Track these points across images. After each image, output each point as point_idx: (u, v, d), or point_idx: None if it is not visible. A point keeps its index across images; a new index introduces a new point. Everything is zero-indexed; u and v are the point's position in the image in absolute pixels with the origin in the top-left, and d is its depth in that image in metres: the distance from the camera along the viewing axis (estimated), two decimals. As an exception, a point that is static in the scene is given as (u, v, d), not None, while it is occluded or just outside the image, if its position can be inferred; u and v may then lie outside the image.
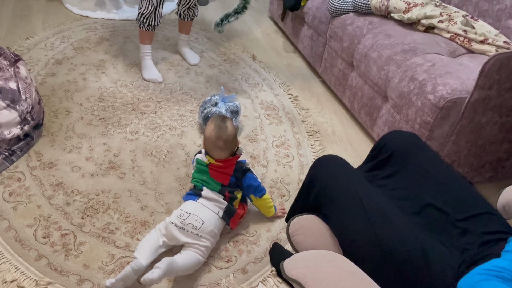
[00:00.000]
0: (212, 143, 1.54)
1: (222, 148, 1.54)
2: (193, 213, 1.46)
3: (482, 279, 0.84)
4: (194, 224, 1.43)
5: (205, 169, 1.57)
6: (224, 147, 1.54)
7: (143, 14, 2.26)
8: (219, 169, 1.56)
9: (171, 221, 1.45)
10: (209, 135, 1.54)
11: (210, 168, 1.57)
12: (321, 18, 2.50)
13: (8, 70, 1.88)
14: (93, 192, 1.71)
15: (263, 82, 2.56)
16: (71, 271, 1.42)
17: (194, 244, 1.43)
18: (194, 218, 1.44)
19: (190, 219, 1.44)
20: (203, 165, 1.58)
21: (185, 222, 1.43)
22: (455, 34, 2.05)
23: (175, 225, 1.44)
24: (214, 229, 1.47)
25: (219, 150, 1.54)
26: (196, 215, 1.45)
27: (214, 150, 1.55)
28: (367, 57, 2.08)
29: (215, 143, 1.53)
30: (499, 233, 1.07)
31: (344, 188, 1.14)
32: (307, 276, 0.97)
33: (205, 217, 1.46)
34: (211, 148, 1.55)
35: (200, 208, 1.49)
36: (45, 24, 2.82)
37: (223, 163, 1.56)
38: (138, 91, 2.31)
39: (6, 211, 1.58)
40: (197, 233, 1.43)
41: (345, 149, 2.14)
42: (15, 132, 1.76)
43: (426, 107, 1.73)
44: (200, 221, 1.44)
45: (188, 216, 1.45)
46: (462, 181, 1.20)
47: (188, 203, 1.52)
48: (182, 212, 1.47)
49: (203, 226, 1.44)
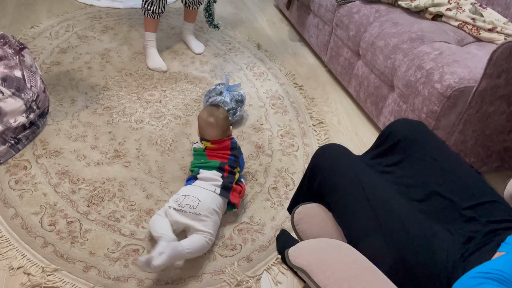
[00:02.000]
0: (204, 120, 1.65)
1: (213, 125, 1.63)
2: (188, 194, 1.50)
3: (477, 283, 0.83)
4: (190, 204, 1.46)
5: (203, 153, 1.65)
6: (215, 123, 1.63)
7: (148, 1, 2.24)
8: (216, 151, 1.64)
9: (169, 205, 1.48)
10: (202, 115, 1.67)
11: (207, 152, 1.64)
12: (327, 7, 2.47)
13: (13, 59, 1.88)
14: (99, 180, 1.71)
15: (268, 71, 2.55)
16: (77, 258, 1.43)
17: (197, 229, 1.44)
18: (190, 199, 1.48)
19: (186, 200, 1.48)
20: (200, 150, 1.66)
21: (182, 203, 1.47)
22: (463, 22, 2.02)
23: (173, 208, 1.47)
24: (212, 206, 1.49)
25: (211, 127, 1.64)
26: (192, 195, 1.49)
27: (206, 128, 1.64)
28: (373, 46, 2.06)
29: (207, 119, 1.64)
30: (506, 221, 1.06)
31: (347, 177, 1.14)
32: (312, 264, 0.97)
33: (200, 195, 1.50)
34: (203, 126, 1.65)
35: (195, 189, 1.53)
36: (50, 12, 2.81)
37: (217, 144, 1.65)
38: (143, 80, 2.31)
39: (12, 198, 1.59)
40: (195, 212, 1.45)
41: (350, 139, 2.13)
42: (21, 120, 1.76)
43: (433, 96, 1.71)
44: (196, 200, 1.47)
45: (184, 198, 1.49)
46: (469, 169, 1.19)
47: (184, 188, 1.57)
48: (178, 195, 1.51)
49: (199, 204, 1.47)
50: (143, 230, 1.55)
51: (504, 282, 0.82)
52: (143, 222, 1.58)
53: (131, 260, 1.45)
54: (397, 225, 1.03)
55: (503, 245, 0.94)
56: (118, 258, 1.45)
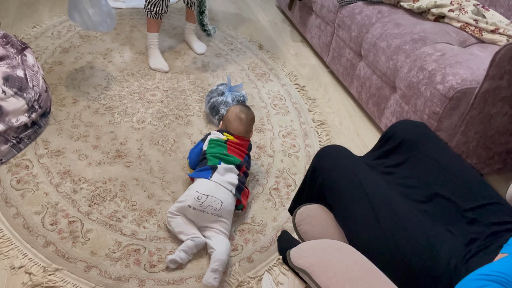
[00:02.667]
0: (235, 114, 1.68)
1: (242, 121, 1.68)
2: (211, 194, 1.47)
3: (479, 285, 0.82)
4: (213, 206, 1.46)
5: (224, 144, 1.62)
6: (245, 120, 1.68)
7: (151, 1, 2.24)
8: (237, 146, 1.64)
9: (189, 204, 1.46)
10: (233, 109, 1.71)
11: (228, 144, 1.63)
12: (329, 7, 2.47)
13: (16, 58, 1.88)
14: (100, 180, 1.71)
15: (270, 72, 2.55)
16: (79, 258, 1.43)
17: (216, 229, 1.47)
18: (213, 200, 1.46)
19: (208, 201, 1.46)
20: (221, 141, 1.63)
21: (204, 204, 1.45)
22: (466, 23, 2.01)
23: (194, 208, 1.45)
24: (232, 209, 1.52)
25: (239, 122, 1.67)
26: (214, 197, 1.47)
27: (234, 122, 1.67)
28: (375, 47, 2.05)
29: (238, 114, 1.68)
30: (508, 223, 1.06)
31: (348, 178, 1.14)
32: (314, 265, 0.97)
33: (222, 196, 1.49)
34: (232, 119, 1.68)
35: (216, 188, 1.50)
36: (52, 12, 2.81)
37: (240, 139, 1.65)
38: (144, 80, 2.31)
39: (14, 198, 1.60)
40: (217, 214, 1.46)
41: (352, 140, 2.13)
42: (23, 120, 1.77)
43: (435, 97, 1.71)
44: (219, 202, 1.47)
45: (206, 198, 1.46)
46: (471, 171, 1.19)
47: (203, 182, 1.51)
48: (200, 194, 1.46)
49: (222, 206, 1.47)
50: (144, 230, 1.55)
51: (506, 284, 0.82)
52: (144, 222, 1.58)
53: (132, 260, 1.45)
54: (398, 226, 1.02)
55: (505, 247, 0.94)
56: (120, 258, 1.45)
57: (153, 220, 1.59)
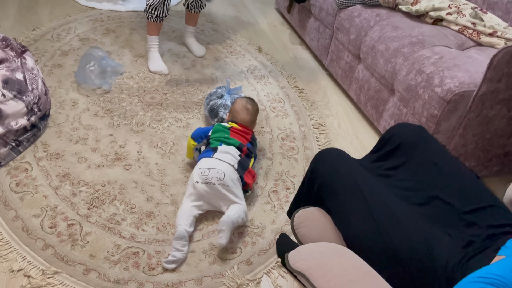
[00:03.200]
0: (242, 105, 1.78)
1: (249, 111, 1.78)
2: (212, 167, 1.55)
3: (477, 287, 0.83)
4: (218, 176, 1.54)
5: (227, 130, 1.73)
6: (252, 110, 1.79)
7: (152, 5, 2.25)
8: (239, 132, 1.73)
9: (196, 180, 1.54)
10: (240, 100, 1.81)
11: (231, 130, 1.72)
12: (328, 10, 2.48)
13: (15, 61, 1.89)
14: (99, 183, 1.72)
15: (269, 75, 2.55)
16: (78, 261, 1.43)
17: (231, 200, 1.54)
18: (215, 171, 1.54)
19: (212, 172, 1.54)
20: (225, 127, 1.74)
21: (209, 176, 1.54)
22: (464, 26, 2.02)
23: (201, 182, 1.54)
24: (236, 177, 1.59)
25: (246, 112, 1.77)
26: (216, 168, 1.56)
27: (241, 111, 1.77)
28: (374, 50, 2.06)
29: (245, 105, 1.79)
30: (505, 226, 1.06)
31: (346, 181, 1.14)
32: (312, 268, 0.97)
33: (223, 167, 1.57)
34: (239, 109, 1.77)
35: (217, 162, 1.59)
36: (52, 15, 2.82)
37: (243, 128, 1.75)
38: (144, 82, 2.31)
39: (13, 201, 1.60)
40: (223, 183, 1.54)
41: (350, 142, 2.14)
42: (22, 123, 1.77)
43: (433, 100, 1.71)
44: (222, 172, 1.55)
45: (209, 171, 1.55)
46: (469, 173, 1.19)
47: (203, 160, 1.61)
48: (202, 169, 1.56)
49: (225, 176, 1.55)
50: (143, 233, 1.55)
51: (502, 287, 0.82)
52: (143, 225, 1.58)
53: (131, 263, 1.45)
54: (396, 229, 1.03)
55: (502, 249, 0.94)
56: (118, 261, 1.45)
57: (152, 223, 1.59)
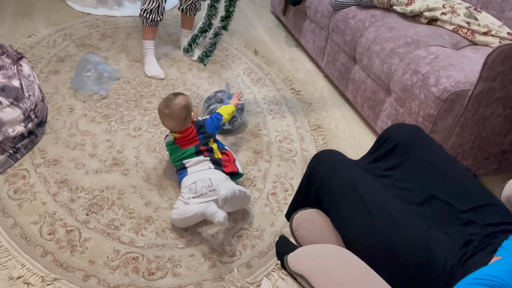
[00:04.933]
0: (160, 112, 1.66)
1: (168, 116, 1.63)
2: (196, 179, 1.56)
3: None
4: (206, 185, 1.54)
5: (174, 145, 1.68)
6: (170, 114, 1.62)
7: (146, 10, 2.25)
8: (184, 139, 1.68)
9: (188, 197, 1.54)
10: (159, 106, 1.66)
11: (177, 143, 1.68)
12: (323, 12, 2.48)
13: (11, 68, 1.89)
14: (98, 188, 1.71)
15: (266, 77, 2.56)
16: (77, 267, 1.43)
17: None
18: (201, 182, 1.55)
19: (198, 184, 1.55)
20: (171, 143, 1.70)
21: (198, 189, 1.54)
22: (458, 26, 2.03)
23: (193, 197, 1.54)
24: (223, 177, 1.60)
25: (167, 118, 1.64)
26: (200, 178, 1.57)
27: (163, 119, 1.66)
28: (369, 51, 2.07)
29: (162, 111, 1.64)
30: (503, 224, 1.06)
31: (343, 182, 1.15)
32: (311, 270, 0.97)
33: (206, 175, 1.57)
34: (161, 117, 1.67)
35: (197, 174, 1.59)
36: (47, 21, 2.82)
37: (183, 133, 1.67)
38: (140, 87, 2.31)
39: (11, 208, 1.60)
40: (213, 188, 1.53)
41: (348, 143, 2.14)
42: (19, 129, 1.77)
43: (429, 100, 1.72)
44: (207, 180, 1.56)
45: (195, 184, 1.55)
46: (466, 172, 1.20)
47: (184, 180, 1.61)
48: (188, 186, 1.57)
49: (212, 180, 1.55)
50: (142, 238, 1.55)
51: None
52: (142, 230, 1.58)
53: (130, 268, 1.45)
54: (394, 229, 1.03)
55: (499, 250, 0.95)
56: (118, 266, 1.45)
57: (151, 228, 1.59)
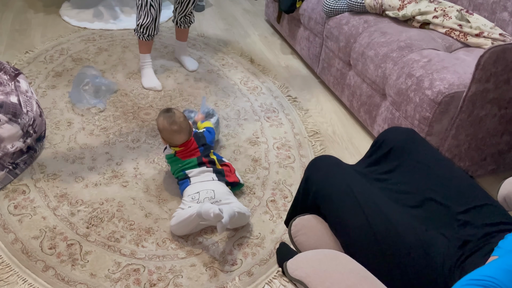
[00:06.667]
0: (168, 131, 1.67)
1: (179, 131, 1.67)
2: (200, 190, 1.59)
3: None
4: (208, 196, 1.56)
5: (175, 158, 1.70)
6: (179, 129, 1.67)
7: (143, 25, 2.27)
8: (185, 152, 1.71)
9: (189, 206, 1.54)
10: (163, 125, 1.68)
11: (178, 155, 1.71)
12: (316, 19, 2.51)
13: (9, 85, 1.90)
14: (97, 201, 1.72)
15: (262, 85, 2.58)
16: (78, 281, 1.43)
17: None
18: (204, 192, 1.57)
19: (202, 195, 1.56)
20: (172, 156, 1.72)
21: (200, 199, 1.56)
22: (450, 28, 2.05)
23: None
24: (226, 190, 1.63)
25: (178, 134, 1.67)
26: (203, 189, 1.59)
27: (174, 136, 1.68)
28: (364, 56, 2.09)
29: (171, 128, 1.66)
30: (501, 224, 1.07)
31: (340, 187, 1.15)
32: (311, 276, 0.98)
33: (210, 186, 1.60)
34: (170, 136, 1.68)
35: (201, 185, 1.62)
36: (44, 37, 2.84)
37: (184, 146, 1.70)
38: (138, 99, 2.33)
39: (12, 224, 1.60)
40: (215, 200, 1.56)
41: (346, 148, 2.15)
42: (18, 145, 1.78)
43: (424, 102, 1.73)
44: (211, 191, 1.58)
45: (198, 194, 1.57)
46: (462, 174, 1.21)
47: (187, 189, 1.63)
48: (191, 195, 1.58)
49: (216, 192, 1.58)
50: (143, 249, 1.55)
51: None
52: (143, 241, 1.58)
53: (132, 280, 1.45)
54: (391, 232, 1.04)
55: (496, 249, 0.95)
56: (119, 278, 1.45)
57: (151, 239, 1.59)
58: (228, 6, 3.65)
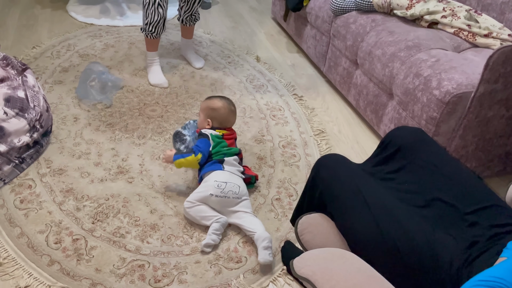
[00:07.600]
0: (227, 110, 1.79)
1: (234, 112, 1.82)
2: (228, 181, 1.62)
3: None
4: (233, 190, 1.61)
5: (222, 140, 1.75)
6: (235, 110, 1.83)
7: (151, 23, 2.27)
8: (230, 136, 1.79)
9: (211, 193, 1.59)
10: (223, 105, 1.80)
11: (225, 138, 1.76)
12: (323, 18, 2.50)
13: (16, 79, 1.91)
14: (103, 197, 1.72)
15: (268, 83, 2.57)
16: (84, 276, 1.43)
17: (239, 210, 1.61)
18: (231, 185, 1.61)
19: (228, 186, 1.61)
20: (219, 137, 1.75)
21: (225, 190, 1.60)
22: (459, 28, 2.04)
23: (216, 195, 1.59)
24: (246, 190, 1.68)
25: (233, 114, 1.82)
26: (232, 182, 1.63)
27: (229, 116, 1.80)
28: (371, 55, 2.08)
29: (230, 108, 1.80)
30: (508, 225, 1.06)
31: (347, 186, 1.15)
32: (317, 274, 0.98)
33: (238, 181, 1.65)
34: (226, 115, 1.79)
35: (231, 176, 1.66)
36: (51, 32, 2.85)
37: (230, 131, 1.80)
38: (144, 96, 2.33)
39: (18, 218, 1.61)
40: (237, 197, 1.61)
41: (351, 147, 2.14)
42: (25, 140, 1.78)
43: (432, 102, 1.73)
44: (237, 186, 1.63)
45: (225, 184, 1.60)
46: (469, 174, 1.20)
47: (218, 173, 1.65)
48: (219, 182, 1.61)
49: (240, 189, 1.63)
50: (148, 245, 1.56)
51: None
52: (148, 237, 1.58)
53: (137, 275, 1.45)
54: (399, 232, 1.03)
55: (504, 251, 0.95)
56: (124, 274, 1.46)
57: (156, 235, 1.60)
58: (235, 4, 3.65)
